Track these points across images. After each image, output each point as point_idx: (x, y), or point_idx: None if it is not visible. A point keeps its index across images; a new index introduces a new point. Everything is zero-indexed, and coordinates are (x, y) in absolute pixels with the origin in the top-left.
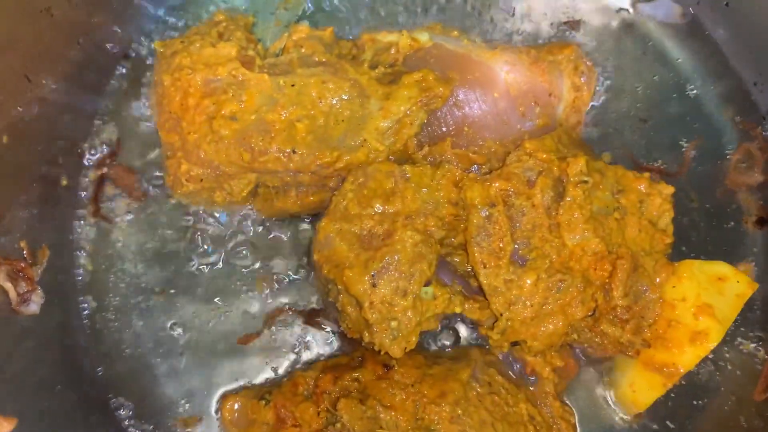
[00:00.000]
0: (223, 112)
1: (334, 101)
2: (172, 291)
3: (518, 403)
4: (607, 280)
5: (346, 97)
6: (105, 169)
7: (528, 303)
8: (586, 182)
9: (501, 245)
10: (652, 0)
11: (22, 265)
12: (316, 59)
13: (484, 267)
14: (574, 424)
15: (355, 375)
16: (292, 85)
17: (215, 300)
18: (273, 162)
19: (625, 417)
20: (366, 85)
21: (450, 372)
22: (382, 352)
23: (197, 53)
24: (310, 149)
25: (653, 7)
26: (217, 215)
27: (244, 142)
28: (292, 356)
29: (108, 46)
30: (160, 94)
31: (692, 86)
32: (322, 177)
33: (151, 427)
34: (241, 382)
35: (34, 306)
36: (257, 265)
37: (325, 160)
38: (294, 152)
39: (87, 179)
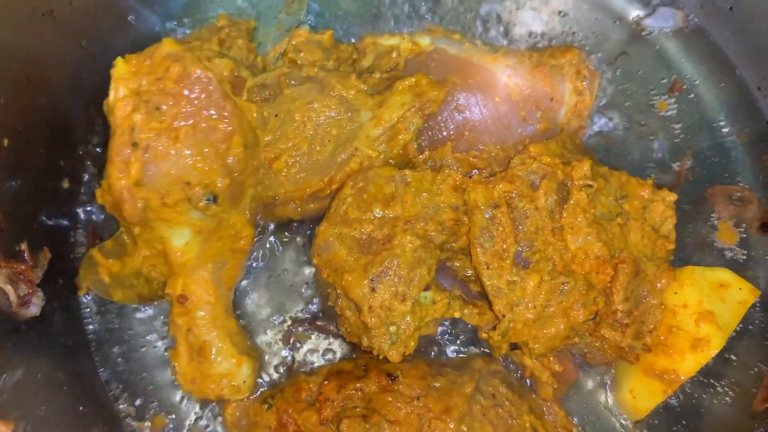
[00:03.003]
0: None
1: (321, 120)
2: None
3: (522, 415)
4: (608, 285)
5: (333, 115)
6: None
7: (530, 305)
8: (590, 186)
9: (504, 246)
10: (654, 12)
11: (23, 267)
12: (305, 74)
13: (487, 268)
14: None
15: (359, 385)
16: (276, 115)
17: None
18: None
19: (625, 423)
20: (353, 99)
21: (454, 386)
22: (380, 357)
23: None
24: (295, 184)
25: (657, 16)
26: None
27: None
28: (297, 359)
29: (111, 50)
30: None
31: (692, 94)
32: (319, 198)
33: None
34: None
35: (35, 308)
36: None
37: (315, 188)
38: (276, 198)
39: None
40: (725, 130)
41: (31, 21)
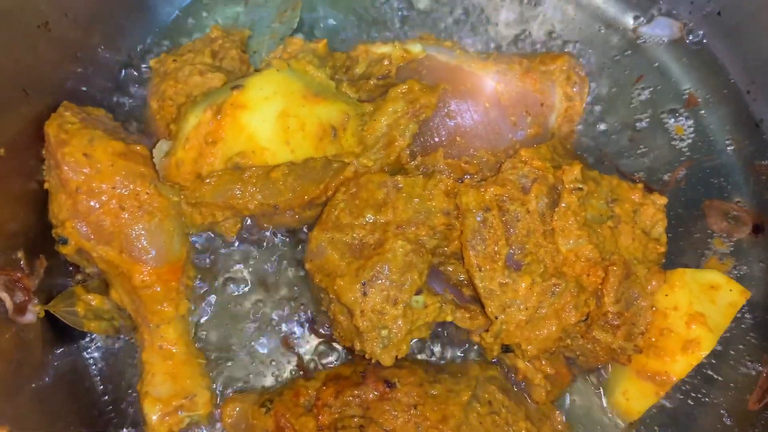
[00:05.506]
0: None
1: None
2: None
3: (518, 422)
4: (599, 287)
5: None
6: None
7: (523, 306)
8: (581, 189)
9: (496, 249)
10: (650, 21)
11: (19, 275)
12: None
13: (480, 270)
14: None
15: (357, 392)
16: None
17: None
18: (258, 209)
19: (619, 425)
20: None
21: (451, 393)
22: (373, 361)
23: (184, 80)
24: (294, 191)
25: (651, 24)
26: None
27: (223, 197)
28: (294, 363)
29: (107, 59)
30: (149, 117)
31: (685, 93)
32: (315, 205)
33: None
34: (243, 386)
35: (31, 315)
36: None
37: (313, 194)
38: (277, 207)
39: None
40: (720, 136)
41: (26, 32)
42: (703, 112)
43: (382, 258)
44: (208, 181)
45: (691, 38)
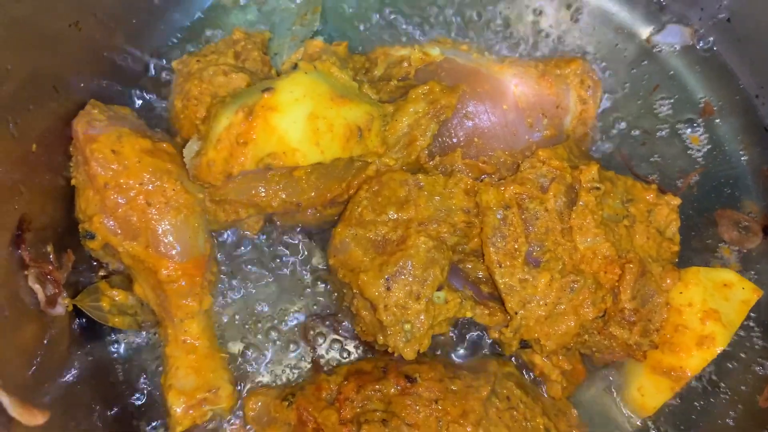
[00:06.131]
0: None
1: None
2: None
3: (536, 417)
4: (616, 284)
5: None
6: None
7: (542, 302)
8: (598, 189)
9: (516, 246)
10: (662, 29)
11: (50, 268)
12: None
13: (500, 266)
14: None
15: (378, 386)
16: None
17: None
18: (281, 206)
19: (633, 421)
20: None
21: (470, 389)
22: (396, 354)
23: (208, 80)
24: (317, 190)
25: (663, 32)
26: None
27: (247, 195)
28: (314, 356)
29: (131, 59)
30: (173, 116)
31: (701, 101)
32: (336, 203)
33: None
34: (263, 381)
35: (61, 308)
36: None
37: (335, 193)
38: (299, 205)
39: None
40: (733, 145)
41: (58, 31)
42: (718, 121)
43: (405, 254)
44: (234, 178)
45: (701, 45)
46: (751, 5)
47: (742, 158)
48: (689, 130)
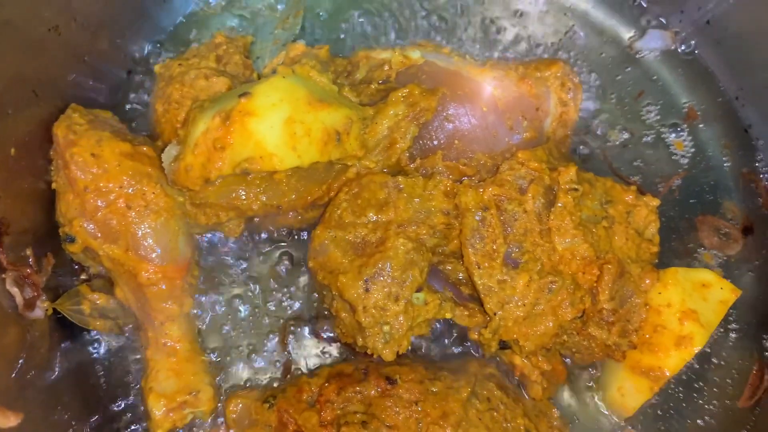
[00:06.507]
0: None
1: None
2: None
3: (516, 418)
4: (594, 284)
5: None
6: None
7: (520, 303)
8: (576, 190)
9: (494, 247)
10: (645, 34)
11: (28, 271)
12: None
13: (478, 267)
14: None
15: (359, 388)
16: None
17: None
18: (262, 210)
19: (614, 421)
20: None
21: (450, 390)
22: (375, 356)
23: (190, 84)
24: (297, 193)
25: (645, 38)
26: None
27: (227, 199)
28: (293, 359)
29: (112, 64)
30: (154, 120)
31: (684, 106)
32: (317, 206)
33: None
34: (244, 384)
35: (39, 311)
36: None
37: (316, 195)
38: (280, 208)
39: None
40: (716, 149)
41: (38, 35)
42: (702, 125)
43: (384, 255)
44: (213, 182)
45: (683, 48)
46: (731, 7)
47: (724, 161)
48: (673, 135)
